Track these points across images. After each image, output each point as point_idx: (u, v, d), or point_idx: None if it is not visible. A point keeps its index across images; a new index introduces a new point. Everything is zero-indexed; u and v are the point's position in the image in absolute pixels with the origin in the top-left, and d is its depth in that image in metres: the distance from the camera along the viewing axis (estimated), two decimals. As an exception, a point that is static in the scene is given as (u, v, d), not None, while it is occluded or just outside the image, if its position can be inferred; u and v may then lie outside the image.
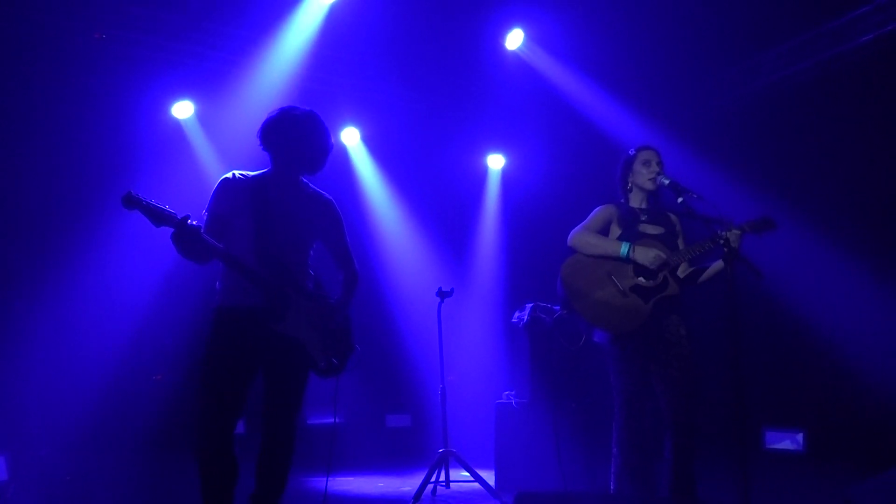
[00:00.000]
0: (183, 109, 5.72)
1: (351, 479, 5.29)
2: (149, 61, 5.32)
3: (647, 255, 3.28)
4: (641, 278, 3.31)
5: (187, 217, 2.56)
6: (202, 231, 2.62)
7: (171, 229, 2.54)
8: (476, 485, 4.38)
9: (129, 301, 5.34)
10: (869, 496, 2.56)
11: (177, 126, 5.75)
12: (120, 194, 2.51)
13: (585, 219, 3.50)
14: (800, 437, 4.92)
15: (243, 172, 2.93)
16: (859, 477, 3.24)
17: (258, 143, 2.92)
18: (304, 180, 3.03)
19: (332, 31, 5.40)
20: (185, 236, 2.55)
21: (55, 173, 5.08)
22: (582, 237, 3.42)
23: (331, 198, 3.08)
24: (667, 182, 3.30)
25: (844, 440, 4.79)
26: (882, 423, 4.57)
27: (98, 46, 5.06)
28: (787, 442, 4.97)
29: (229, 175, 2.91)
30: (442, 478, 4.66)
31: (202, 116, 5.80)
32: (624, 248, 3.31)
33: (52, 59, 4.99)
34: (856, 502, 2.62)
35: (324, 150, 2.94)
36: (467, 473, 4.40)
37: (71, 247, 5.12)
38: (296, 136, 2.86)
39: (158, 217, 2.52)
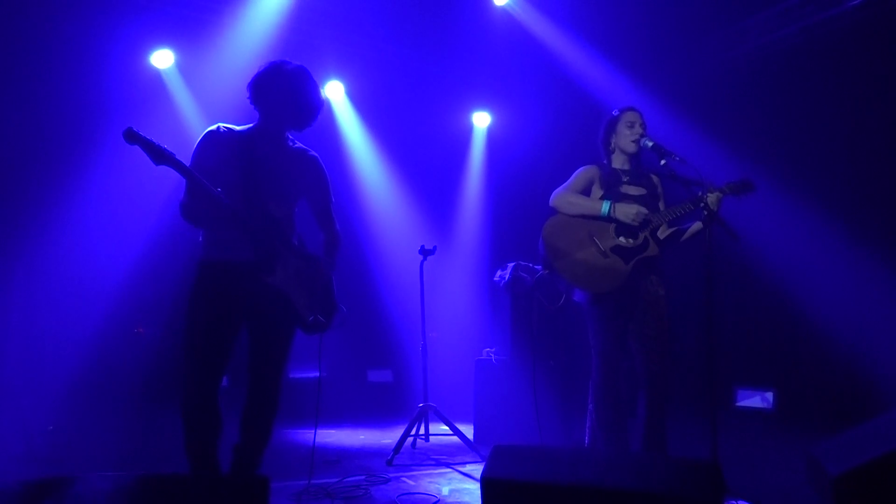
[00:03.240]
0: (162, 58, 5.58)
1: (333, 431, 5.39)
2: (125, 6, 5.16)
3: (628, 212, 3.31)
4: (622, 238, 3.35)
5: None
6: (202, 180, 2.59)
7: (172, 169, 2.53)
8: (455, 438, 4.48)
9: (112, 255, 5.31)
10: (831, 453, 2.66)
11: (156, 76, 5.62)
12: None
13: (568, 179, 3.52)
14: (770, 395, 5.07)
15: (228, 126, 2.88)
16: (826, 435, 3.35)
17: (247, 96, 2.86)
18: (290, 136, 2.99)
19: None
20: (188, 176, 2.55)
21: (32, 121, 4.97)
22: (564, 197, 3.44)
23: (316, 154, 3.04)
24: (650, 144, 3.32)
25: (813, 399, 4.94)
26: (849, 383, 4.72)
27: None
28: (757, 400, 5.12)
29: (214, 128, 2.85)
30: (422, 431, 4.76)
31: (183, 66, 5.67)
32: (605, 207, 3.34)
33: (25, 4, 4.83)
34: (819, 458, 2.72)
35: (314, 107, 2.89)
36: (446, 427, 4.49)
37: (52, 200, 5.05)
38: (287, 91, 2.81)
39: (159, 154, 2.50)
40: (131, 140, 2.47)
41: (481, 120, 7.10)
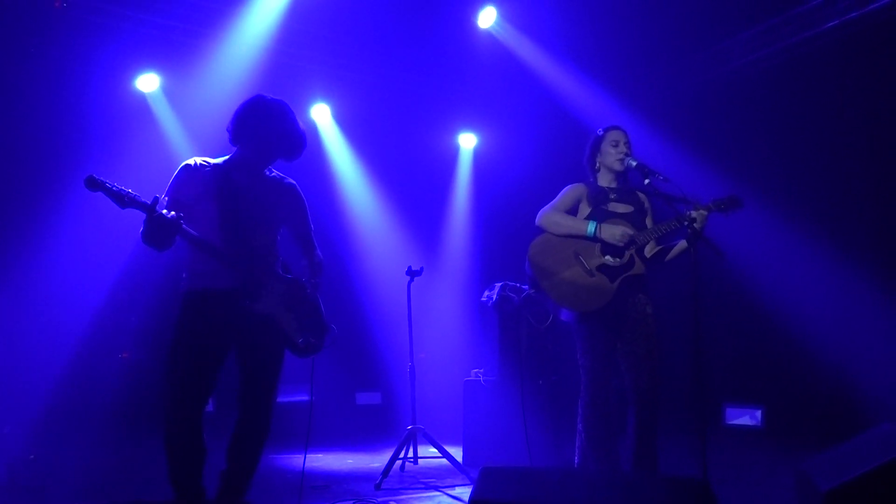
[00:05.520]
0: (148, 82, 5.59)
1: (321, 455, 5.32)
2: (112, 31, 5.18)
3: (613, 233, 3.32)
4: (608, 257, 3.36)
5: (156, 202, 2.53)
6: (176, 217, 2.56)
7: (140, 212, 2.51)
8: (444, 460, 4.44)
9: (94, 279, 5.25)
10: (821, 469, 2.66)
11: (142, 100, 5.62)
12: (84, 170, 2.49)
13: (555, 198, 3.54)
14: (758, 413, 5.08)
15: (205, 159, 2.88)
16: (814, 451, 3.36)
17: (228, 133, 2.86)
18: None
19: (303, 6, 5.32)
20: (154, 222, 2.52)
21: (15, 147, 4.95)
22: (550, 217, 3.45)
23: (293, 182, 3.06)
24: (634, 164, 3.35)
25: (801, 416, 4.95)
26: (836, 400, 4.74)
27: (58, 14, 4.91)
28: (746, 418, 5.13)
29: (191, 162, 2.85)
30: (411, 454, 4.72)
31: (168, 89, 5.68)
32: (591, 227, 3.35)
33: (6, 27, 4.82)
34: (809, 474, 2.72)
35: (298, 137, 2.91)
36: (435, 450, 4.45)
37: (33, 222, 5.01)
38: (269, 122, 2.82)
39: (122, 200, 2.48)
40: (93, 188, 2.45)
41: (467, 141, 7.15)
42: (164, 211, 2.54)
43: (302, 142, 2.93)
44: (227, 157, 2.91)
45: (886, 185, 4.81)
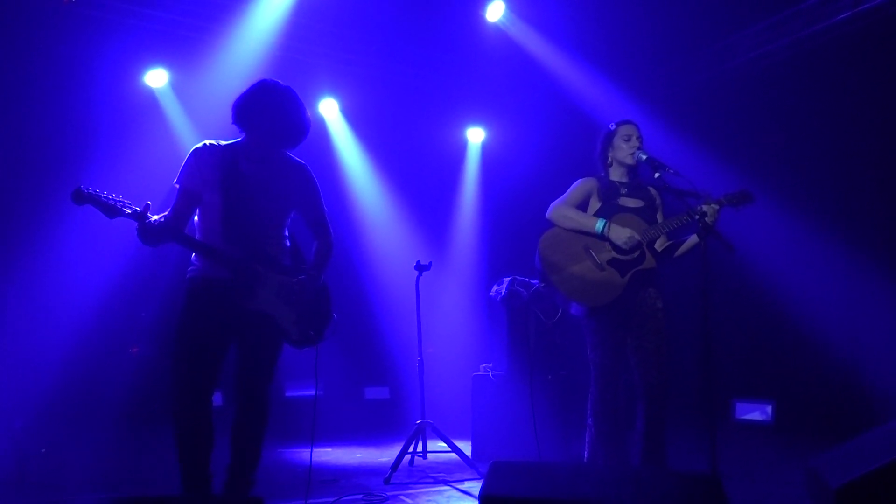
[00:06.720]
0: (156, 78, 5.60)
1: (330, 449, 5.34)
2: (119, 27, 5.18)
3: (621, 235, 3.31)
4: (618, 251, 3.35)
5: (147, 209, 2.61)
6: (163, 222, 2.66)
7: (130, 221, 2.61)
8: (453, 455, 4.44)
9: (104, 274, 5.27)
10: (831, 465, 2.65)
11: (150, 95, 5.63)
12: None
13: (565, 192, 3.52)
14: (768, 408, 5.06)
15: (214, 142, 2.86)
16: (825, 447, 3.35)
17: (231, 118, 2.84)
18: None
19: (311, 0, 5.32)
20: (142, 230, 2.63)
21: (24, 143, 4.97)
22: (560, 211, 3.45)
23: (304, 163, 3.00)
24: (644, 157, 3.34)
25: (811, 412, 4.93)
26: (847, 396, 4.72)
27: (65, 11, 4.93)
28: (756, 413, 5.11)
29: (200, 146, 2.84)
30: (419, 448, 4.73)
31: (177, 85, 5.69)
32: (599, 225, 3.34)
33: (15, 24, 4.84)
34: (819, 471, 2.71)
35: (300, 124, 2.85)
36: (444, 444, 4.45)
37: (43, 217, 5.03)
38: (271, 108, 2.77)
39: (111, 211, 2.57)
40: (79, 201, 2.52)
41: (476, 135, 7.13)
42: (154, 217, 2.64)
43: (302, 129, 2.85)
44: (237, 140, 2.89)
45: (897, 179, 4.77)
